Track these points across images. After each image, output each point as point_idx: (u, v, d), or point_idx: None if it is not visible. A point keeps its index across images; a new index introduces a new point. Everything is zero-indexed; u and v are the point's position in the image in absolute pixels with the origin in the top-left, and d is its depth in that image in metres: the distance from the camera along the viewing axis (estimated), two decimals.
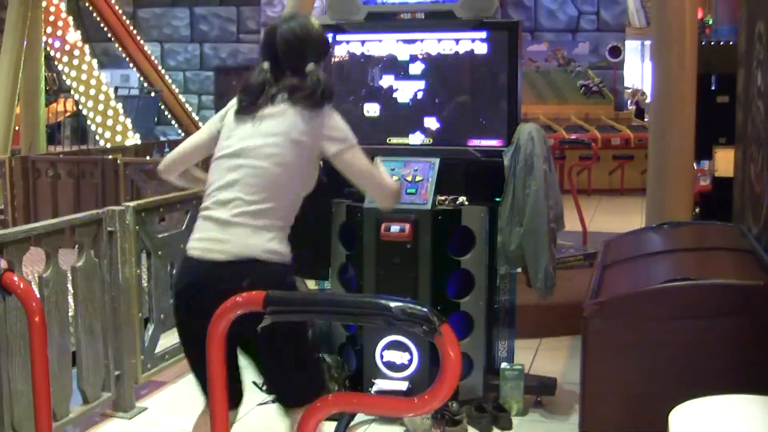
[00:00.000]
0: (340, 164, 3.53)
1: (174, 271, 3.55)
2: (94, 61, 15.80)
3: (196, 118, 18.39)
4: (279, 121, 3.40)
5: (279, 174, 3.37)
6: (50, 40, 15.12)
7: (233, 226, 3.30)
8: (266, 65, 3.49)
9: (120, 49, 17.41)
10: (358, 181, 3.63)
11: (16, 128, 13.68)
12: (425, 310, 2.22)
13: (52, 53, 15.39)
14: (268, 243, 3.31)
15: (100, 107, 15.27)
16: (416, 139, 5.22)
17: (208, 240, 3.33)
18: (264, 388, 5.27)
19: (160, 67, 18.29)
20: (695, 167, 8.05)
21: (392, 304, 2.24)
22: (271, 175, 3.36)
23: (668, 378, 3.77)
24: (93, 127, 15.48)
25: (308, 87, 3.41)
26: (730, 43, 9.41)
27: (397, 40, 5.23)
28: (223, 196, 3.36)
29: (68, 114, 19.31)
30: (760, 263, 4.30)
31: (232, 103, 3.56)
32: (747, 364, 3.71)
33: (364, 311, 2.38)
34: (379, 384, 5.01)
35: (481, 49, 5.09)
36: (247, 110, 3.45)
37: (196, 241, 3.37)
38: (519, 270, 5.14)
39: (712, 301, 3.80)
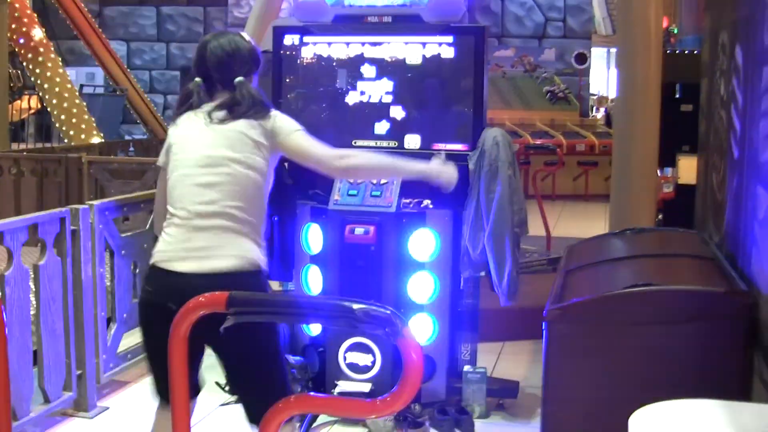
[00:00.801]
0: (291, 145, 3.54)
1: (145, 282, 3.54)
2: (59, 59, 15.69)
3: (162, 117, 18.30)
4: (235, 129, 3.46)
5: (251, 178, 3.44)
6: (15, 37, 14.99)
7: (222, 235, 3.37)
8: (198, 80, 3.60)
9: (86, 47, 17.29)
10: (308, 159, 3.61)
11: None
12: (388, 312, 2.23)
13: (16, 50, 15.26)
14: (255, 253, 3.42)
15: (65, 105, 15.15)
16: (381, 141, 5.23)
17: (196, 249, 3.37)
18: (226, 388, 5.27)
19: (126, 66, 18.18)
20: (659, 174, 8.11)
21: (355, 306, 2.25)
22: (244, 179, 3.42)
23: (630, 383, 3.80)
24: (57, 125, 15.37)
25: (241, 101, 3.49)
26: (695, 52, 9.48)
27: (364, 43, 5.24)
28: (203, 208, 3.40)
29: (32, 111, 19.15)
30: (720, 270, 4.34)
31: (170, 132, 3.61)
32: (708, 370, 3.74)
33: (326, 313, 2.39)
34: (342, 385, 5.01)
35: (448, 53, 5.11)
36: (181, 121, 3.57)
37: (182, 251, 3.39)
38: (483, 274, 5.16)
39: (673, 307, 3.83)
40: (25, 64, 15.49)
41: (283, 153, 3.57)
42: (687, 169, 7.96)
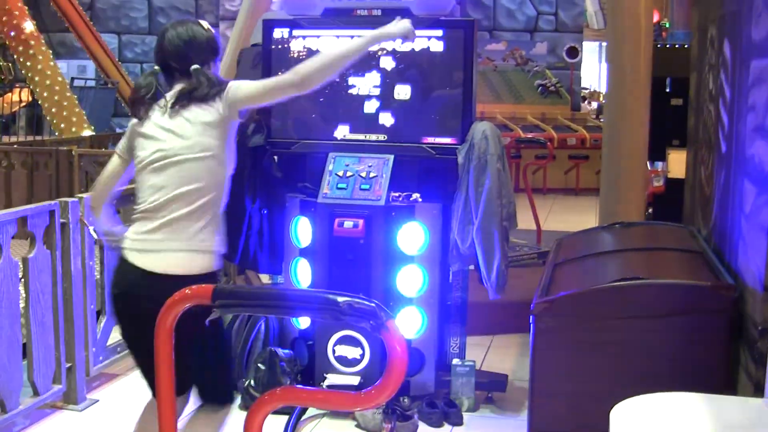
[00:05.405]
0: (244, 92, 3.48)
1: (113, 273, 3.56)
2: (50, 52, 15.64)
3: None
4: (186, 117, 3.44)
5: (209, 162, 3.43)
6: (5, 29, 14.94)
7: (173, 226, 3.39)
8: (157, 69, 3.61)
9: (77, 39, 17.24)
10: (267, 93, 3.52)
11: None
12: (372, 305, 2.24)
13: (7, 43, 15.21)
14: (209, 242, 3.44)
15: (56, 98, 15.10)
16: (371, 135, 5.23)
17: (151, 241, 3.40)
18: None
19: (117, 59, 18.14)
20: (649, 168, 8.13)
21: (340, 299, 2.26)
22: (203, 165, 3.42)
23: (616, 376, 3.82)
24: (48, 118, 15.33)
25: (197, 87, 3.46)
26: (685, 46, 9.50)
27: (354, 37, 5.23)
28: (156, 197, 3.42)
29: (23, 104, 19.10)
30: (708, 264, 4.36)
31: (133, 121, 3.60)
32: (694, 364, 3.77)
33: (312, 306, 2.39)
34: (331, 378, 5.03)
35: (437, 46, 5.12)
36: (144, 114, 3.53)
37: (139, 243, 3.42)
38: (471, 267, 5.17)
39: (660, 300, 3.85)
40: (15, 56, 15.43)
41: (244, 105, 3.49)
42: (677, 162, 7.99)
